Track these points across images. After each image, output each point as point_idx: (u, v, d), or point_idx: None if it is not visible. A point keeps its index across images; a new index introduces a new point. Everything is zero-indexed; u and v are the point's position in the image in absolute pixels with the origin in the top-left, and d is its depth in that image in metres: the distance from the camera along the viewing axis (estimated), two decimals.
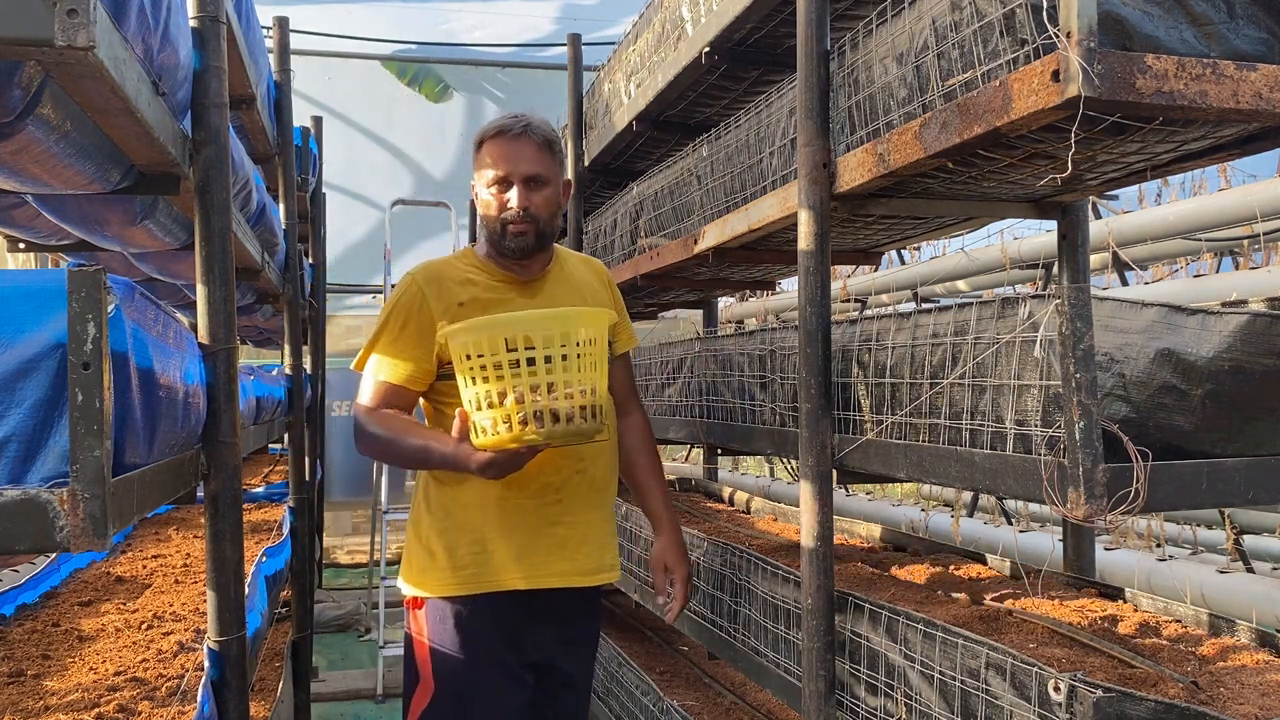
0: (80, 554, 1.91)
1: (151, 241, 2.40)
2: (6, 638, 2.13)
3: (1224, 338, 1.55)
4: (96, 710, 1.65)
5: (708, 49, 2.75)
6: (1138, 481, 1.38)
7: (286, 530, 3.41)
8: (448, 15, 10.89)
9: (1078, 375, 1.38)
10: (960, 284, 7.45)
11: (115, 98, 1.32)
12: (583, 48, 4.27)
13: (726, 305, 9.51)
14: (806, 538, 1.95)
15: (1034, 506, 6.59)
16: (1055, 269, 4.57)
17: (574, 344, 1.75)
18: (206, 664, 1.77)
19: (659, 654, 3.81)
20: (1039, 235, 6.27)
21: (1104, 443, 1.39)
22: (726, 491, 4.10)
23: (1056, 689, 1.38)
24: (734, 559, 2.46)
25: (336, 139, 9.25)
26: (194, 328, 1.85)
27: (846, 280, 8.26)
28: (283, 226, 3.92)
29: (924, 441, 1.77)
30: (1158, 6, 1.36)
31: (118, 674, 1.86)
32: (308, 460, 4.27)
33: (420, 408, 2.15)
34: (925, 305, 2.12)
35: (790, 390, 2.35)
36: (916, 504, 7.13)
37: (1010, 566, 2.46)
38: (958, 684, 1.60)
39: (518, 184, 2.04)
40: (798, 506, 2.19)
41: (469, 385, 1.78)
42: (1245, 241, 5.56)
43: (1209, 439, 1.53)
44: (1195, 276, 5.83)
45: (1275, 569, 5.34)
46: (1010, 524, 6.20)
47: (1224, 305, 1.64)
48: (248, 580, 2.01)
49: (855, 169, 1.83)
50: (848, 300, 8.20)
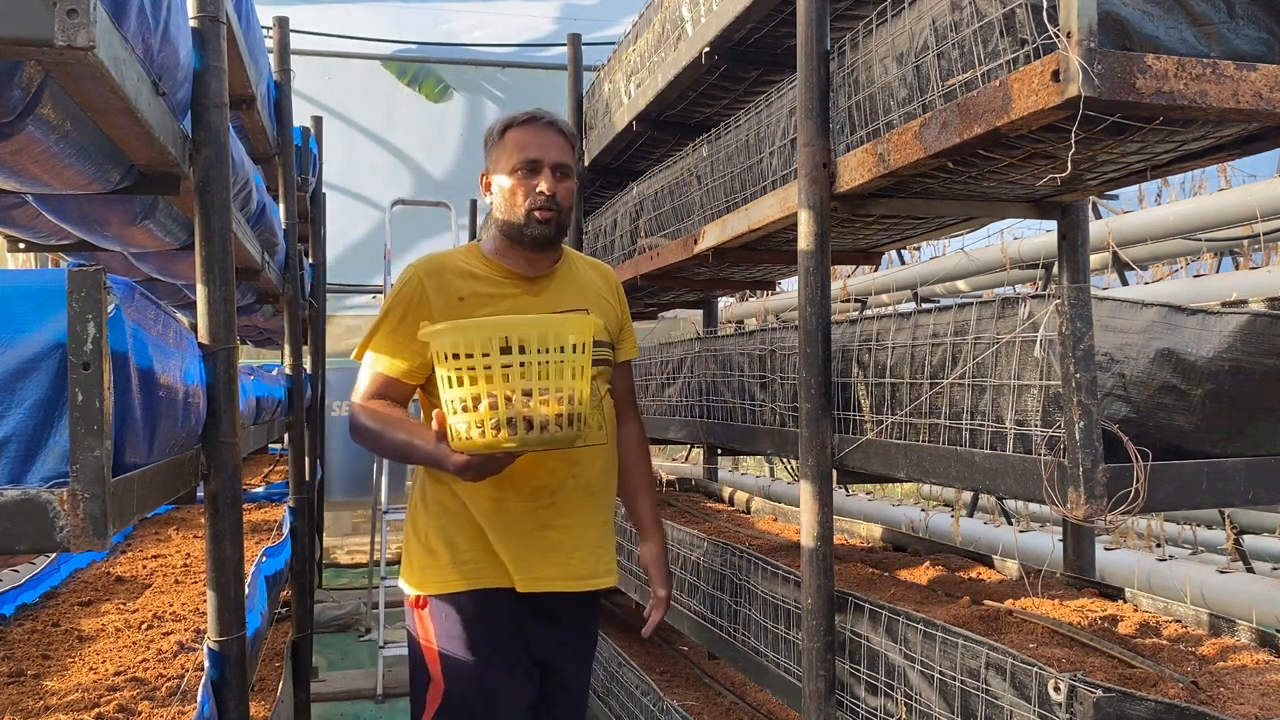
0: (80, 554, 1.91)
1: (151, 241, 2.40)
2: (6, 638, 2.13)
3: (1224, 338, 1.55)
4: (96, 710, 1.65)
5: (708, 49, 2.75)
6: (1138, 481, 1.38)
7: (286, 530, 3.41)
8: (448, 15, 10.90)
9: (1078, 375, 1.38)
10: (960, 284, 7.45)
11: (115, 98, 1.32)
12: (583, 48, 4.27)
13: (726, 305, 9.52)
14: (806, 538, 1.95)
15: (1034, 506, 6.59)
16: (1055, 269, 4.57)
17: (557, 350, 1.72)
18: (206, 664, 1.77)
19: (659, 654, 3.81)
20: (1039, 235, 6.27)
21: (1104, 443, 1.39)
22: (726, 491, 4.10)
23: (1056, 689, 1.38)
24: (734, 559, 2.46)
25: (336, 139, 9.25)
26: (194, 328, 1.85)
27: (846, 280, 8.26)
28: (283, 226, 3.92)
29: (924, 441, 1.77)
30: (1158, 6, 1.36)
31: (118, 674, 1.86)
32: (308, 460, 4.27)
33: (417, 400, 2.13)
34: (925, 305, 2.12)
35: (790, 390, 2.35)
36: (916, 504, 7.13)
37: (1010, 566, 2.46)
38: (958, 684, 1.60)
39: (548, 169, 2.01)
40: (798, 506, 2.19)
41: (447, 387, 1.75)
42: (1245, 241, 5.56)
43: (1209, 439, 1.53)
44: (1195, 276, 5.83)
45: (1275, 569, 5.34)
46: (1010, 524, 6.20)
47: (1224, 305, 1.65)
48: (248, 580, 2.01)
49: (855, 169, 1.83)
50: (848, 300, 8.20)
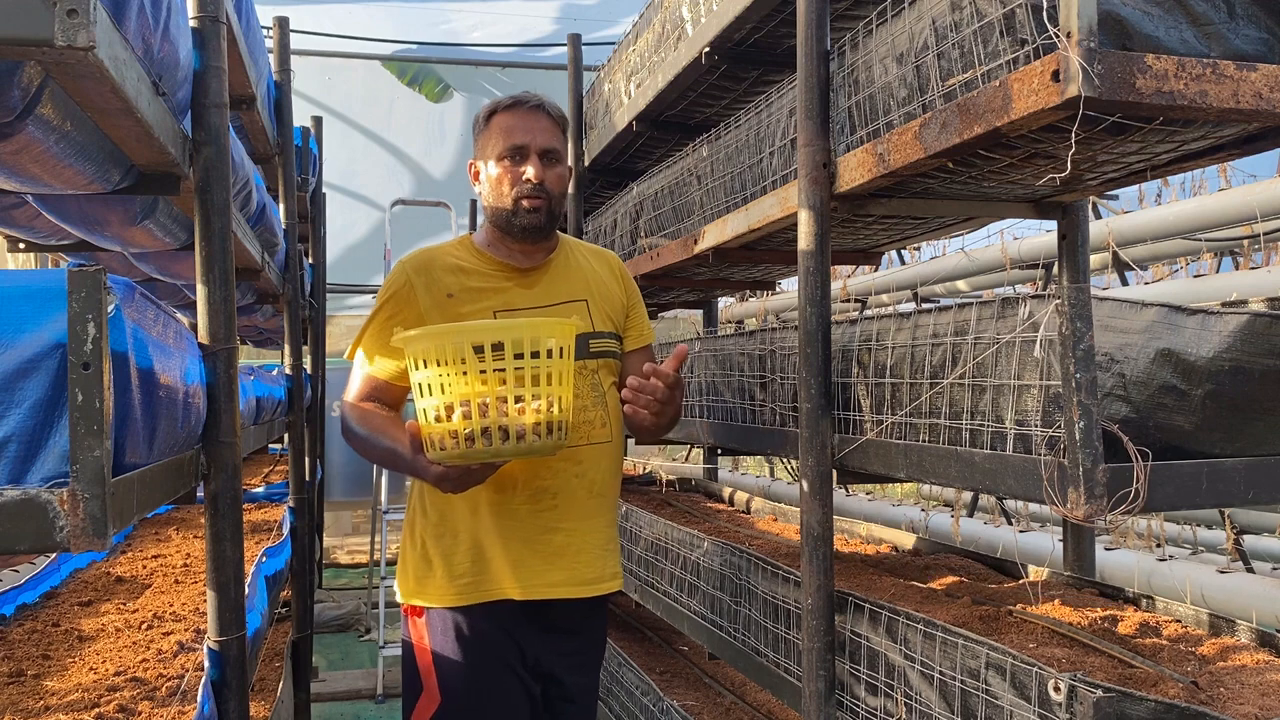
0: (80, 554, 1.91)
1: (151, 241, 2.40)
2: (6, 638, 2.13)
3: (1224, 338, 1.55)
4: (96, 710, 1.65)
5: (708, 49, 2.75)
6: (1138, 481, 1.38)
7: (286, 530, 3.41)
8: (448, 15, 10.89)
9: (1078, 375, 1.38)
10: (960, 284, 7.45)
11: (115, 98, 1.32)
12: (583, 48, 4.27)
13: (726, 305, 9.51)
14: (806, 538, 1.95)
15: (1034, 506, 6.59)
16: (1055, 269, 4.57)
17: (533, 355, 1.64)
18: (206, 664, 1.77)
19: (659, 654, 3.81)
20: (1039, 235, 6.27)
21: (1104, 443, 1.39)
22: (726, 491, 4.10)
23: (1056, 689, 1.38)
24: (734, 559, 2.46)
25: (336, 139, 9.25)
26: (194, 328, 1.85)
27: (846, 280, 8.26)
28: (283, 226, 3.92)
29: (924, 441, 1.77)
30: (1158, 6, 1.36)
31: (118, 674, 1.86)
32: (308, 460, 4.28)
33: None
34: (925, 305, 2.12)
35: (790, 390, 2.35)
36: (916, 504, 7.13)
37: (1010, 566, 2.46)
38: (958, 684, 1.60)
39: (534, 155, 1.93)
40: (798, 506, 2.19)
41: (421, 395, 1.68)
42: (1245, 241, 5.56)
43: (1209, 439, 1.53)
44: (1195, 276, 5.83)
45: (1275, 569, 5.34)
46: (1010, 524, 6.20)
47: (1224, 305, 1.65)
48: (248, 580, 2.01)
49: (855, 169, 1.83)
50: (848, 300, 8.20)
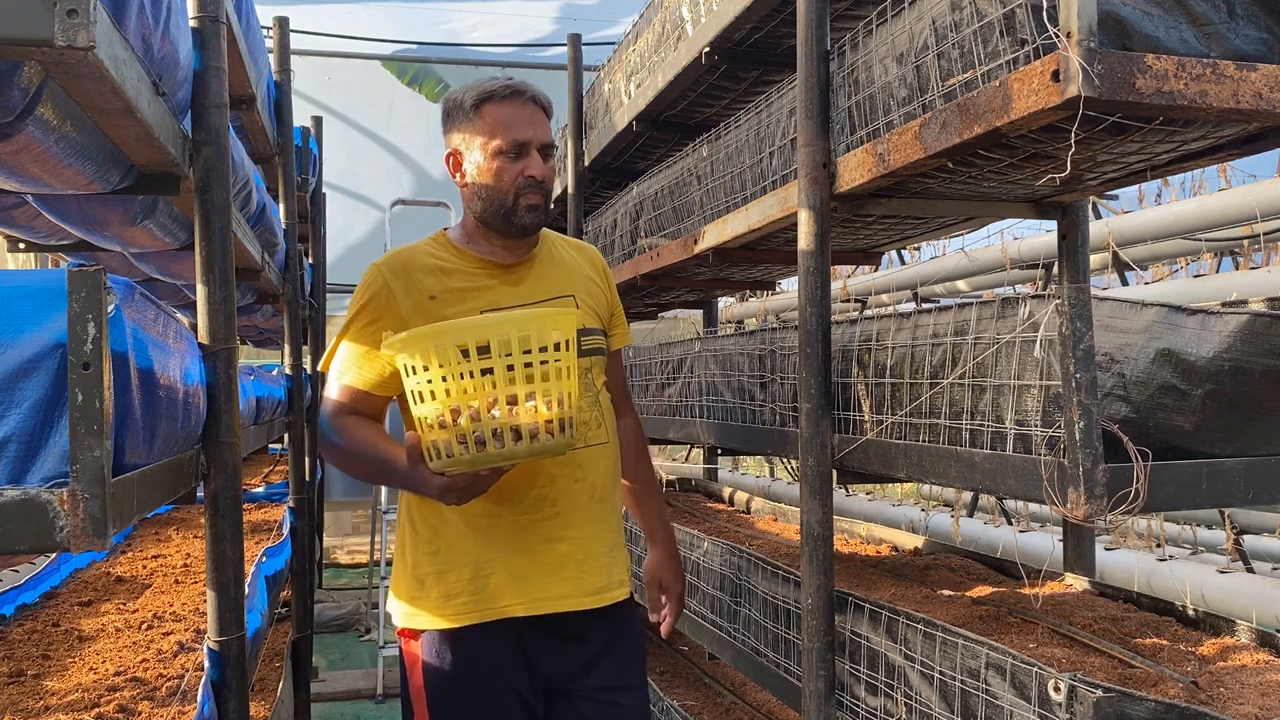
0: (80, 554, 1.91)
1: (151, 241, 2.40)
2: (6, 638, 2.13)
3: (1224, 338, 1.55)
4: (96, 710, 1.65)
5: (708, 49, 2.75)
6: (1138, 481, 1.38)
7: (286, 530, 3.42)
8: (448, 15, 10.89)
9: (1078, 375, 1.38)
10: (960, 284, 7.45)
11: (115, 98, 1.32)
12: (583, 48, 4.27)
13: (726, 305, 9.51)
14: (806, 538, 1.95)
15: (1034, 506, 6.59)
16: (1055, 269, 4.57)
17: (540, 349, 1.54)
18: (206, 664, 1.77)
19: (659, 654, 3.81)
20: (1039, 235, 6.27)
21: (1104, 443, 1.39)
22: (726, 491, 4.10)
23: (1056, 689, 1.38)
24: (734, 559, 2.46)
25: (336, 139, 9.24)
26: (194, 328, 1.85)
27: (846, 280, 8.25)
28: (283, 226, 3.92)
29: (924, 441, 1.77)
30: (1158, 6, 1.36)
31: (118, 674, 1.86)
32: (308, 460, 4.28)
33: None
34: (925, 305, 2.12)
35: (790, 390, 2.35)
36: (916, 504, 7.12)
37: (1010, 566, 2.46)
38: (958, 684, 1.60)
39: (535, 152, 1.83)
40: (798, 506, 2.19)
41: (418, 402, 1.55)
42: (1245, 241, 5.56)
43: (1209, 439, 1.53)
44: (1195, 276, 5.83)
45: (1275, 569, 5.34)
46: (1010, 524, 6.20)
47: (1224, 305, 1.65)
48: (248, 580, 2.01)
49: (855, 169, 1.83)
50: (848, 300, 8.20)
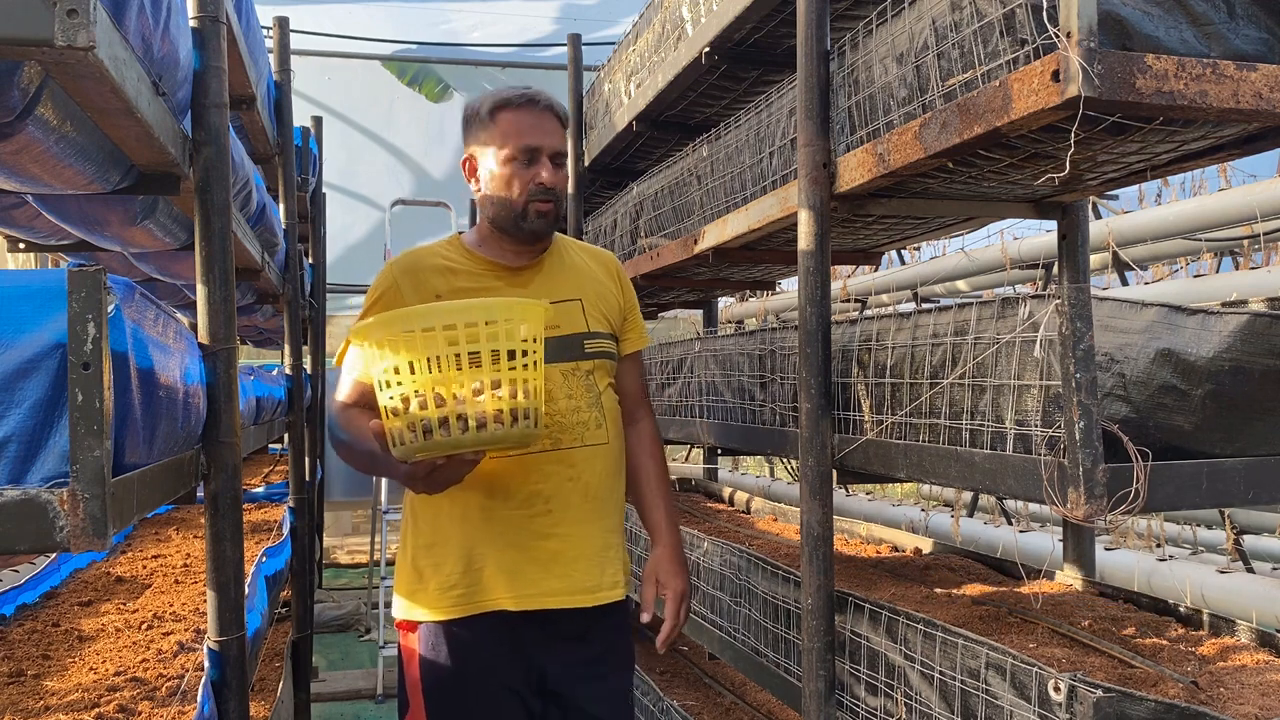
0: (80, 554, 1.91)
1: (151, 241, 2.40)
2: (6, 638, 2.13)
3: (1224, 338, 1.55)
4: (96, 710, 1.65)
5: (708, 49, 2.75)
6: (1138, 481, 1.38)
7: (286, 530, 3.41)
8: (448, 15, 10.89)
9: (1078, 375, 1.38)
10: (960, 284, 7.45)
11: (115, 98, 1.32)
12: (583, 48, 4.27)
13: (726, 305, 9.51)
14: (806, 538, 1.95)
15: (1034, 506, 6.59)
16: (1055, 269, 4.57)
17: (501, 337, 1.55)
18: (206, 664, 1.77)
19: (659, 654, 3.81)
20: (1039, 235, 6.27)
21: (1104, 443, 1.39)
22: (726, 491, 4.10)
23: (1056, 689, 1.38)
24: (734, 559, 2.46)
25: (336, 139, 9.24)
26: (194, 328, 1.85)
27: (846, 280, 8.25)
28: (283, 226, 3.92)
29: (924, 441, 1.77)
30: (1158, 6, 1.36)
31: (118, 674, 1.86)
32: (308, 460, 4.28)
33: None
34: (925, 305, 2.12)
35: (790, 390, 2.35)
36: (916, 504, 7.13)
37: (1010, 566, 2.46)
38: (958, 684, 1.60)
39: (546, 159, 1.89)
40: (798, 506, 2.19)
41: (380, 389, 1.59)
42: (1245, 241, 5.56)
43: (1209, 439, 1.53)
44: (1195, 276, 5.83)
45: (1275, 569, 5.34)
46: (1010, 524, 6.20)
47: (1224, 305, 1.65)
48: (248, 580, 2.01)
49: (855, 169, 1.83)
50: (848, 300, 8.20)
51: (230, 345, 1.86)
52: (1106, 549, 4.87)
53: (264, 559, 2.70)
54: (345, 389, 1.91)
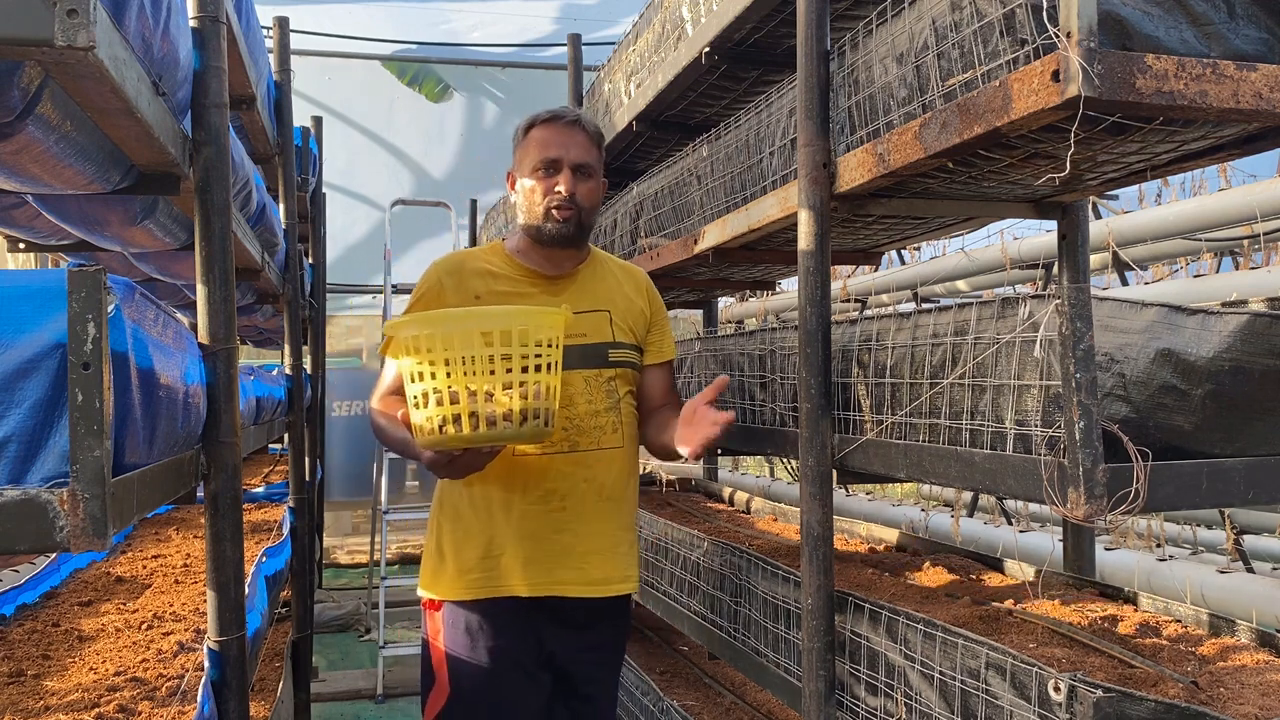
0: (80, 554, 1.91)
1: (151, 241, 2.40)
2: (6, 638, 2.13)
3: (1224, 338, 1.55)
4: (96, 710, 1.65)
5: (708, 49, 2.75)
6: (1138, 481, 1.38)
7: (286, 530, 3.41)
8: (448, 15, 10.89)
9: (1078, 375, 1.38)
10: (960, 284, 7.45)
11: (115, 98, 1.32)
12: (583, 48, 4.27)
13: (726, 305, 9.51)
14: (806, 538, 1.95)
15: (1034, 506, 6.59)
16: (1055, 269, 4.57)
17: (522, 345, 1.69)
18: (206, 664, 1.77)
19: (659, 654, 3.81)
20: (1039, 235, 6.27)
21: (1104, 443, 1.39)
22: (726, 491, 4.10)
23: (1056, 689, 1.38)
24: (734, 559, 2.46)
25: (336, 139, 9.24)
26: (194, 328, 1.85)
27: (846, 280, 8.25)
28: (283, 226, 3.92)
29: (924, 441, 1.77)
30: (1158, 6, 1.36)
31: (118, 674, 1.86)
32: (308, 460, 4.28)
33: None
34: (925, 305, 2.12)
35: (790, 390, 2.35)
36: (916, 504, 7.12)
37: (1010, 567, 2.46)
38: (958, 684, 1.60)
39: (567, 169, 2.02)
40: (798, 506, 2.19)
41: (409, 382, 1.73)
42: (1245, 241, 5.56)
43: (1209, 439, 1.53)
44: (1195, 276, 5.82)
45: (1275, 569, 5.34)
46: (1010, 524, 6.20)
47: (1224, 305, 1.65)
48: (248, 580, 2.01)
49: (855, 169, 1.83)
50: (848, 300, 8.20)
51: (230, 345, 1.86)
52: (1106, 549, 4.87)
53: (264, 559, 2.70)
54: (388, 379, 2.06)
